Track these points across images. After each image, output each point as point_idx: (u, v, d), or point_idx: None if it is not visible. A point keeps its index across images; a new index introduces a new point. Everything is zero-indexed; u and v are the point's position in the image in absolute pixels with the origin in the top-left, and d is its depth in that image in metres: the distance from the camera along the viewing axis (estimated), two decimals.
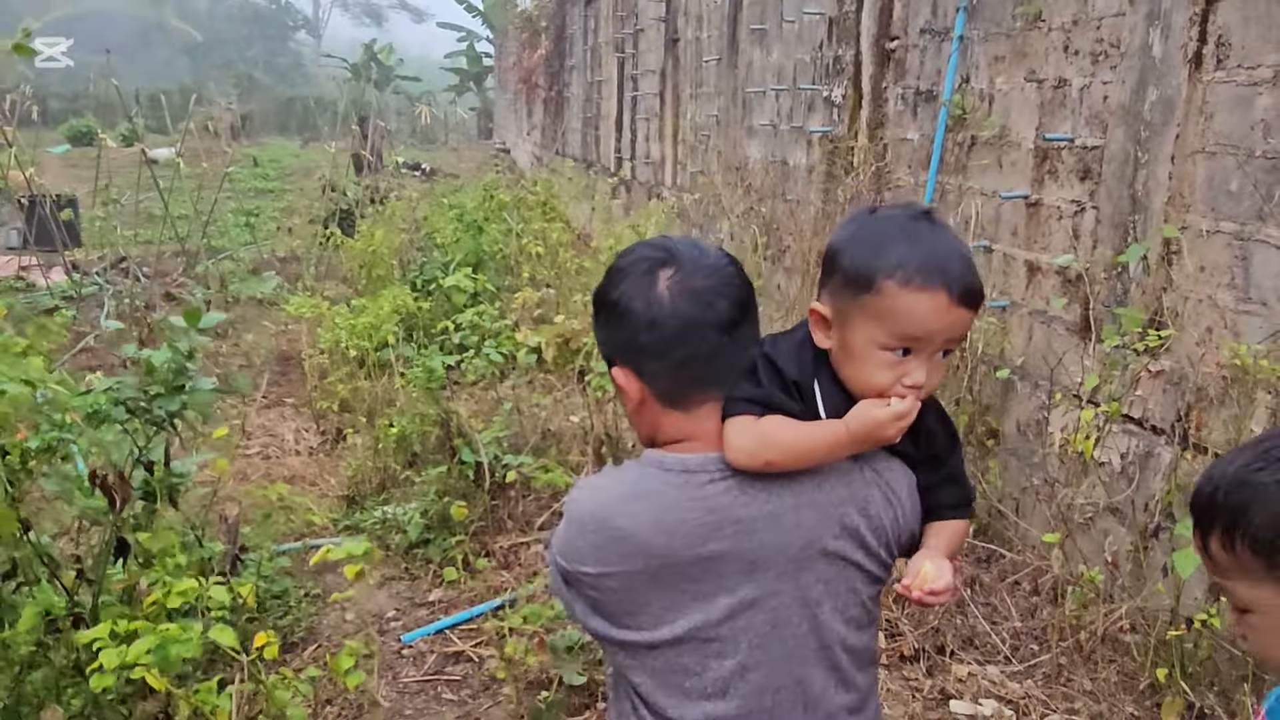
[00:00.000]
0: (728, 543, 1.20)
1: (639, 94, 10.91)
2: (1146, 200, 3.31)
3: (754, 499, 1.21)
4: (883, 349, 1.17)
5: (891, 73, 5.26)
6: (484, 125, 32.53)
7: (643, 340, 1.22)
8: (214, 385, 2.22)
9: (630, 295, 1.23)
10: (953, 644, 2.92)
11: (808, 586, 1.22)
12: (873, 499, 1.25)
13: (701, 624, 1.21)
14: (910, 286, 1.15)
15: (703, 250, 1.27)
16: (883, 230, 1.20)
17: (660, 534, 1.19)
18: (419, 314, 5.73)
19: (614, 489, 1.25)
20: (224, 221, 12.94)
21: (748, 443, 1.19)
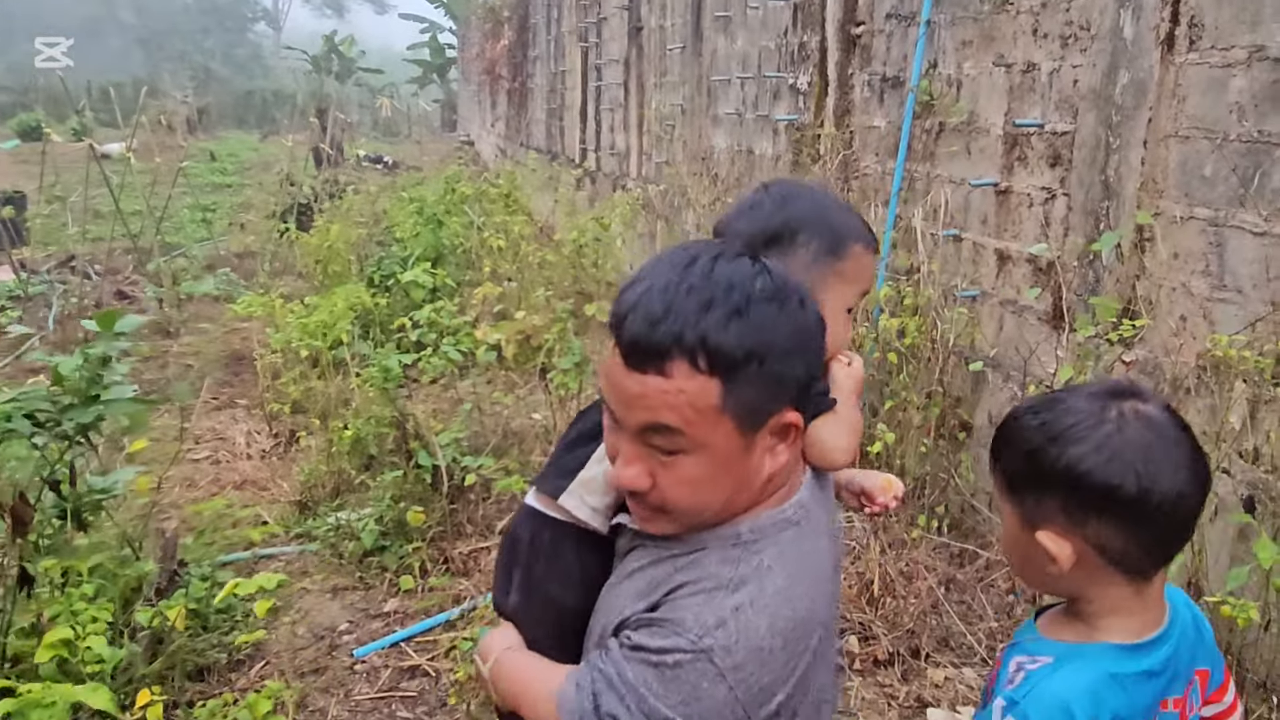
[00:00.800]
0: (837, 554, 1.23)
1: (603, 84, 10.75)
2: (1119, 186, 3.23)
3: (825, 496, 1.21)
4: (848, 309, 1.27)
5: (858, 59, 5.15)
6: (448, 117, 32.14)
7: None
8: (135, 394, 2.05)
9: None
10: (927, 646, 2.82)
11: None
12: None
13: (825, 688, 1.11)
14: (870, 248, 1.27)
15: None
16: (814, 201, 1.28)
17: (824, 600, 1.09)
18: (375, 310, 5.54)
19: (769, 587, 0.99)
20: (179, 218, 12.60)
21: (846, 439, 1.21)
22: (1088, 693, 1.02)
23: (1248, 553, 2.36)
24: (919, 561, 3.06)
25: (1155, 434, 1.03)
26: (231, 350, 6.45)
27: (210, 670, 2.93)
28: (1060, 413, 1.06)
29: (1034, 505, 1.07)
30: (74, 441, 2.01)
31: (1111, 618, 1.07)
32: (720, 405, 0.95)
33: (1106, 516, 1.02)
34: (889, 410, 3.78)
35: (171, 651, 2.33)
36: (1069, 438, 1.03)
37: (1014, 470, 1.09)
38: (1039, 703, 1.01)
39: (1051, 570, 1.06)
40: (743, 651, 0.94)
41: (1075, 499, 1.03)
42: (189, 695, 2.70)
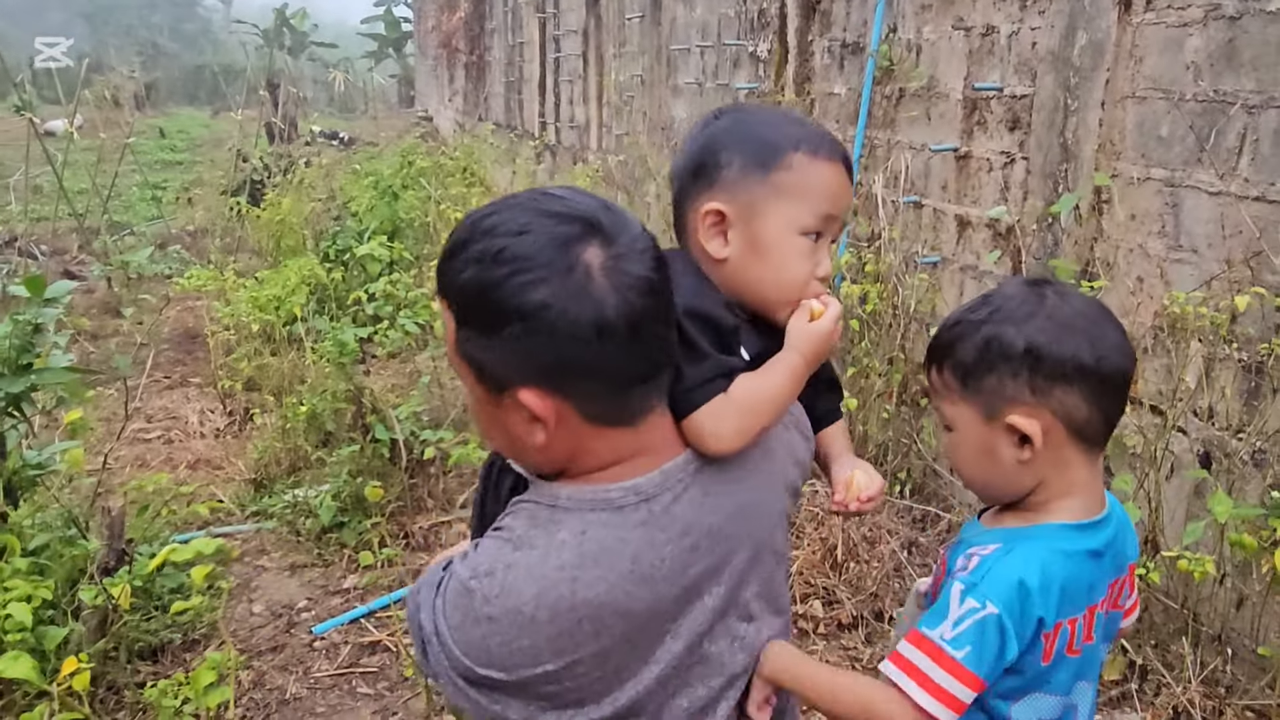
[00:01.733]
0: (708, 558, 1.01)
1: (561, 55, 10.60)
2: (1077, 149, 3.23)
3: (721, 498, 1.03)
4: (802, 233, 1.08)
5: (817, 25, 5.11)
6: (404, 93, 31.58)
7: (585, 356, 0.90)
8: (71, 363, 1.97)
9: (561, 297, 0.88)
10: (891, 609, 2.83)
11: (769, 554, 1.11)
12: (796, 444, 1.18)
13: (686, 658, 1.01)
14: (820, 156, 1.08)
15: (615, 212, 0.96)
16: (752, 121, 1.12)
17: (640, 588, 0.95)
18: (331, 285, 5.43)
19: (552, 559, 0.93)
20: (128, 196, 12.27)
21: (732, 424, 1.01)
22: (1038, 567, 1.07)
23: (1203, 509, 2.39)
24: (881, 526, 3.07)
25: (1094, 310, 1.11)
26: (184, 328, 6.29)
27: (164, 650, 2.86)
28: (1002, 301, 1.12)
29: (996, 393, 1.10)
30: (5, 412, 1.91)
31: (1062, 500, 1.12)
32: (455, 344, 0.96)
33: (1069, 385, 1.08)
34: (851, 377, 3.78)
35: (117, 630, 2.25)
36: (1020, 318, 1.09)
37: (969, 365, 1.11)
38: (996, 583, 1.06)
39: (1022, 457, 1.10)
40: (499, 607, 0.92)
41: (1040, 373, 1.08)
42: (141, 676, 2.63)
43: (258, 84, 13.30)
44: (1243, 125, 2.60)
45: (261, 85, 13.08)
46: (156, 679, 2.55)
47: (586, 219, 0.92)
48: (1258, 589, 2.39)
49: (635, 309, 0.91)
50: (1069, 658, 1.13)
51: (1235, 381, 2.57)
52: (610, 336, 0.90)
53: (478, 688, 0.93)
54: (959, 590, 1.07)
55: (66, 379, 1.95)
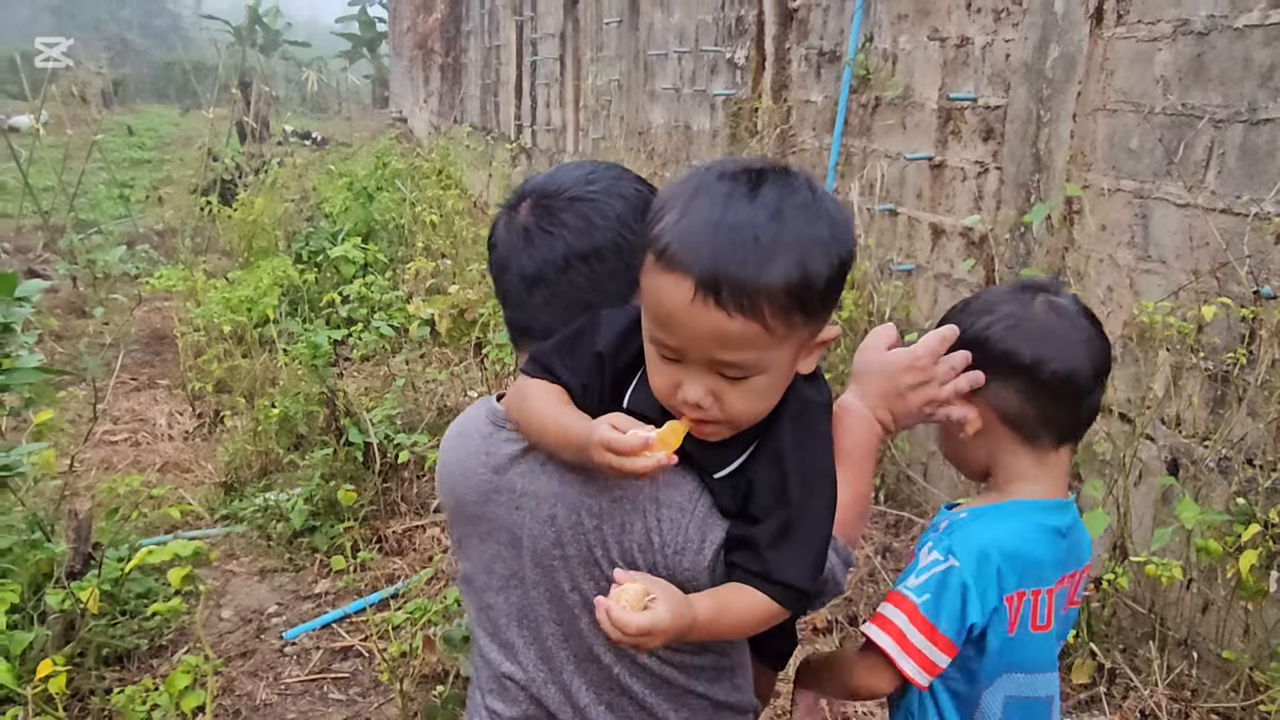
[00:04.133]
0: (499, 509, 1.12)
1: (539, 58, 10.58)
2: (1049, 159, 3.28)
3: (535, 475, 1.09)
4: (652, 343, 0.94)
5: (795, 33, 5.15)
6: (379, 93, 31.37)
7: (492, 274, 1.19)
8: (40, 363, 1.93)
9: (494, 229, 1.18)
10: (865, 614, 2.84)
11: (561, 590, 1.07)
12: (631, 529, 1.02)
13: (477, 573, 1.17)
14: (660, 265, 0.89)
15: (552, 176, 1.17)
16: (685, 186, 0.93)
17: (454, 475, 1.18)
18: (304, 286, 5.37)
19: (456, 423, 1.23)
20: (95, 194, 12.06)
21: (513, 394, 1.11)
22: (1002, 533, 1.15)
23: (1171, 515, 2.43)
24: None
25: (1058, 316, 1.16)
26: (151, 329, 6.20)
27: (130, 656, 2.81)
28: (979, 297, 1.22)
29: None
30: None
31: (1019, 483, 1.19)
32: None
33: (1003, 380, 1.14)
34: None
35: (84, 635, 2.21)
36: (980, 312, 1.18)
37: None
38: (961, 541, 1.14)
39: (963, 437, 1.18)
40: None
41: (977, 363, 1.15)
42: (107, 682, 2.58)
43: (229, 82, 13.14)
44: (1210, 139, 2.65)
45: (233, 83, 12.92)
46: (123, 685, 2.51)
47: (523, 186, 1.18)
48: (1223, 594, 2.43)
49: (501, 240, 1.16)
50: (1034, 634, 1.17)
51: (1202, 390, 2.62)
52: (493, 258, 1.19)
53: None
54: (927, 546, 1.17)
55: (36, 379, 1.91)
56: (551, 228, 1.10)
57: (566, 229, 1.09)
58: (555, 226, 1.10)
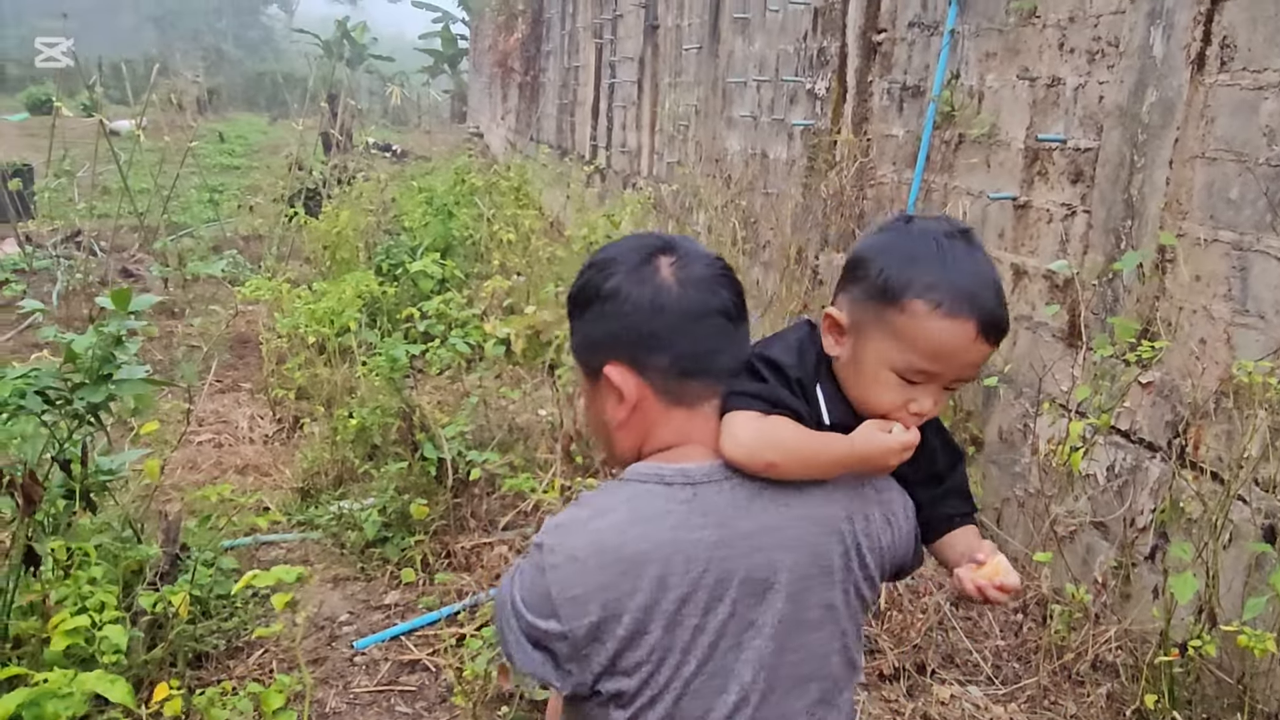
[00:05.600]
0: (738, 561, 1.09)
1: (617, 81, 10.71)
2: (1142, 205, 3.20)
3: (762, 510, 1.11)
4: (894, 371, 1.11)
5: (878, 66, 5.13)
6: (457, 108, 32.10)
7: (649, 328, 1.11)
8: (146, 374, 2.02)
9: (631, 283, 1.12)
10: (933, 662, 2.80)
11: (809, 609, 1.13)
12: (873, 518, 1.18)
13: (707, 657, 1.09)
14: (939, 312, 1.08)
15: (694, 242, 1.20)
16: (918, 244, 1.12)
17: (678, 557, 1.06)
18: (383, 299, 5.51)
19: (608, 516, 1.09)
20: (186, 197, 12.57)
21: (749, 438, 1.10)
22: None
23: (1264, 583, 2.34)
24: (925, 576, 3.04)
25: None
26: (237, 333, 6.42)
27: (208, 657, 2.90)
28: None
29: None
30: (84, 420, 1.97)
31: None
32: (571, 345, 1.20)
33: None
34: None
35: (173, 638, 2.30)
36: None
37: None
38: None
39: None
40: (561, 555, 1.06)
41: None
42: (187, 682, 2.67)
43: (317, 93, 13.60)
44: None
45: (321, 95, 13.37)
46: (202, 686, 2.60)
47: (664, 239, 1.17)
48: None
49: (689, 296, 1.11)
50: None
51: None
52: (667, 312, 1.10)
53: (541, 649, 1.07)
54: None
55: (144, 390, 2.01)
56: (725, 270, 1.18)
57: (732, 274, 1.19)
58: (724, 268, 1.18)
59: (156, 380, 2.01)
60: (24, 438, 1.91)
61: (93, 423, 2.00)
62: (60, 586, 1.83)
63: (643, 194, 7.46)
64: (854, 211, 5.14)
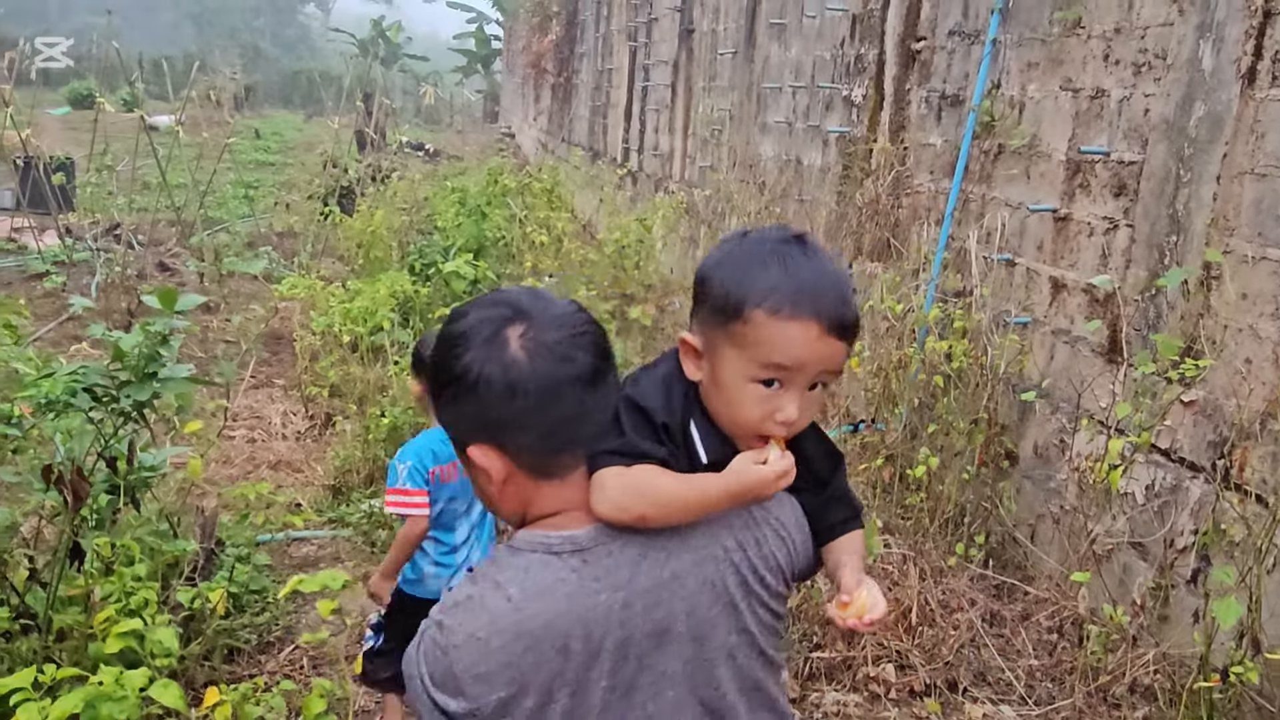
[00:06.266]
0: (640, 619, 1.10)
1: (650, 84, 10.71)
2: (1187, 221, 3.15)
3: (654, 564, 1.12)
4: (752, 381, 1.11)
5: (916, 74, 5.09)
6: (489, 109, 32.28)
7: (505, 411, 1.09)
8: (190, 373, 2.05)
9: (480, 362, 1.09)
10: (965, 680, 2.77)
11: (720, 642, 1.16)
12: (765, 538, 1.20)
13: (623, 713, 1.11)
14: (780, 315, 1.09)
15: (546, 299, 1.16)
16: (753, 255, 1.14)
17: (578, 626, 1.07)
18: (416, 299, 5.55)
19: (503, 591, 1.08)
20: (222, 193, 12.73)
21: (615, 494, 1.10)
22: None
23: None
24: (958, 592, 3.01)
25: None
26: (271, 330, 6.49)
27: (240, 652, 2.93)
28: None
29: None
30: (130, 418, 2.00)
31: None
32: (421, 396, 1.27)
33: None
34: (932, 434, 3.72)
35: (209, 633, 2.32)
36: None
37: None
38: None
39: None
40: (460, 635, 1.05)
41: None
42: (220, 676, 2.70)
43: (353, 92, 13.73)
44: None
45: (356, 94, 13.49)
46: (234, 681, 2.62)
47: (514, 305, 1.12)
48: None
49: (541, 370, 1.08)
50: None
51: None
52: (521, 393, 1.08)
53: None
54: None
55: (188, 388, 2.03)
56: (581, 328, 1.14)
57: (590, 330, 1.16)
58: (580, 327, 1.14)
59: (199, 379, 2.03)
60: (71, 434, 1.94)
61: (138, 420, 2.03)
62: (105, 583, 1.85)
63: (675, 198, 7.45)
64: (889, 220, 5.10)
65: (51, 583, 1.90)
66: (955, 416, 3.67)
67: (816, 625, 2.85)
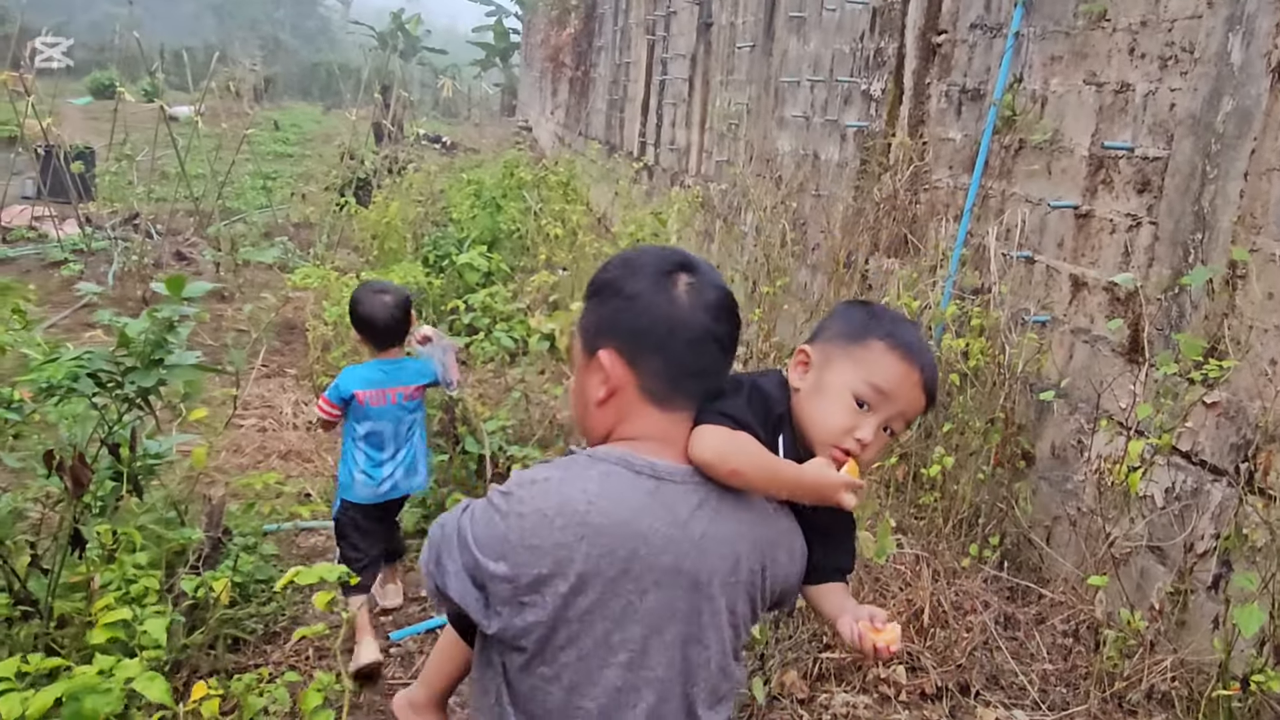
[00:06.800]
0: (684, 559, 1.21)
1: (668, 78, 10.66)
2: (1213, 218, 3.08)
3: (710, 519, 1.23)
4: (853, 395, 1.30)
5: (936, 68, 5.02)
6: (507, 102, 32.28)
7: (654, 333, 1.24)
8: (198, 360, 2.03)
9: (651, 288, 1.25)
10: (977, 683, 2.72)
11: (720, 612, 1.26)
12: (780, 551, 1.32)
13: (633, 638, 1.20)
14: (895, 351, 1.31)
15: (711, 267, 1.34)
16: (879, 312, 1.38)
17: (633, 540, 1.18)
18: (429, 291, 5.53)
19: (579, 484, 1.20)
20: (240, 184, 12.78)
21: (720, 444, 1.24)
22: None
23: None
24: (971, 593, 2.95)
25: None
26: (283, 319, 6.50)
27: (245, 642, 2.92)
28: None
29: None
30: (134, 404, 1.98)
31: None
32: (578, 323, 1.32)
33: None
34: (947, 433, 3.66)
35: (212, 622, 2.31)
36: None
37: None
38: None
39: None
40: (529, 507, 1.16)
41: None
42: (224, 665, 2.69)
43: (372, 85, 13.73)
44: None
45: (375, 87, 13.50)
46: (239, 671, 2.61)
47: (687, 258, 1.30)
48: None
49: (696, 317, 1.25)
50: None
51: None
52: (672, 324, 1.24)
53: (478, 587, 1.17)
54: None
55: (195, 375, 2.01)
56: (731, 302, 1.31)
57: (736, 309, 1.33)
58: (731, 301, 1.31)
59: (206, 366, 2.01)
60: (75, 419, 1.92)
61: (143, 407, 2.01)
62: (105, 570, 1.84)
63: (691, 192, 7.40)
64: (907, 216, 5.04)
65: (53, 569, 1.88)
66: (971, 415, 3.62)
67: (827, 625, 2.80)
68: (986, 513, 3.54)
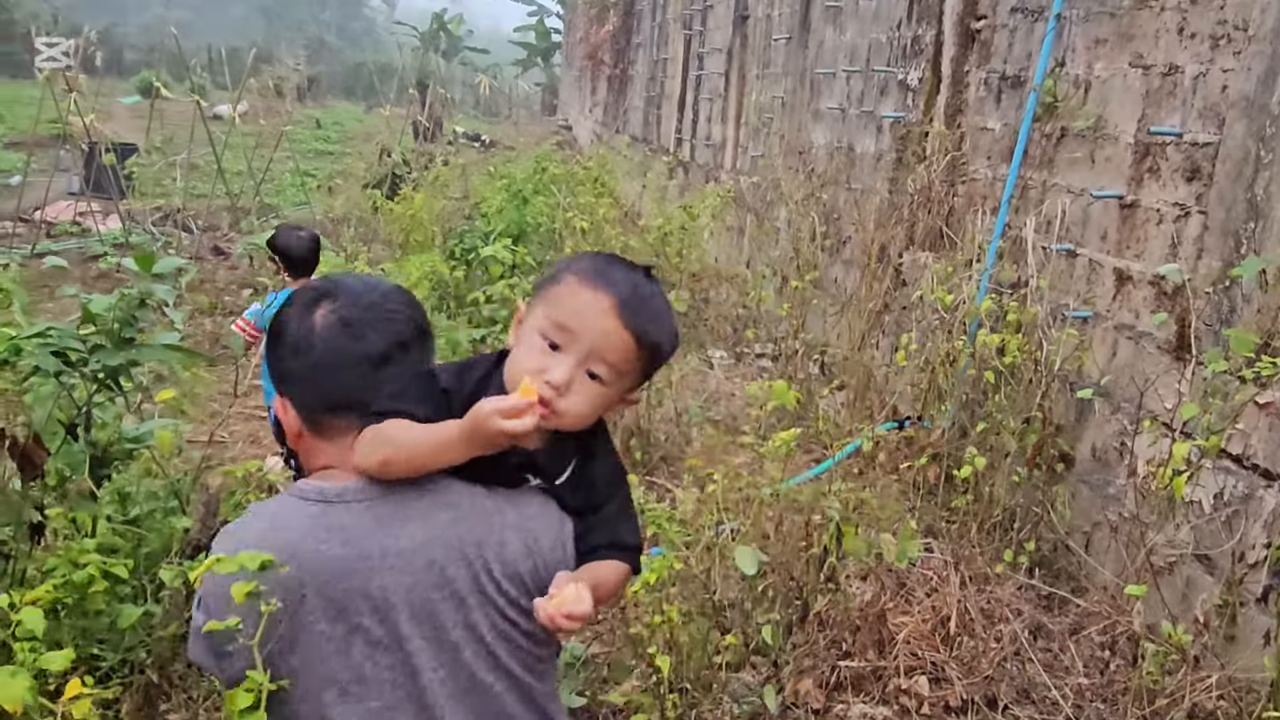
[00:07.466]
0: (360, 579, 1.16)
1: (704, 73, 10.54)
2: (1267, 207, 2.88)
3: (388, 535, 1.18)
4: (540, 335, 1.19)
5: (975, 55, 4.83)
6: (548, 101, 32.36)
7: (294, 368, 1.25)
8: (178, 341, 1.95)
9: (295, 328, 1.26)
10: (1006, 696, 2.56)
11: (443, 630, 1.20)
12: (509, 544, 1.23)
13: (339, 668, 1.16)
14: (582, 283, 1.21)
15: (368, 286, 1.31)
16: (591, 254, 1.31)
17: (293, 563, 1.14)
18: (452, 282, 5.46)
19: (255, 524, 1.22)
20: (280, 181, 12.90)
21: (362, 444, 1.20)
22: None
23: None
24: (1003, 601, 2.79)
25: None
26: None
27: None
28: None
29: None
30: (102, 384, 1.91)
31: None
32: None
33: None
34: (981, 433, 3.50)
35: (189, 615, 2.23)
36: None
37: None
38: None
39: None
40: (218, 553, 1.16)
41: None
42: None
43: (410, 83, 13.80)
44: None
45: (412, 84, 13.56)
46: None
47: (334, 284, 1.30)
48: None
49: (330, 341, 1.24)
50: None
51: None
52: (304, 355, 1.24)
53: (204, 647, 1.18)
54: None
55: (166, 356, 1.94)
56: (386, 313, 1.28)
57: (398, 319, 1.29)
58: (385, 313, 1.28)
59: (180, 348, 1.94)
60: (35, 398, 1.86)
61: (111, 388, 1.94)
62: (50, 558, 1.76)
63: (723, 187, 7.27)
64: (943, 208, 4.86)
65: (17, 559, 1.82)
66: (1006, 415, 3.45)
67: (846, 631, 2.66)
68: (1021, 517, 3.36)
